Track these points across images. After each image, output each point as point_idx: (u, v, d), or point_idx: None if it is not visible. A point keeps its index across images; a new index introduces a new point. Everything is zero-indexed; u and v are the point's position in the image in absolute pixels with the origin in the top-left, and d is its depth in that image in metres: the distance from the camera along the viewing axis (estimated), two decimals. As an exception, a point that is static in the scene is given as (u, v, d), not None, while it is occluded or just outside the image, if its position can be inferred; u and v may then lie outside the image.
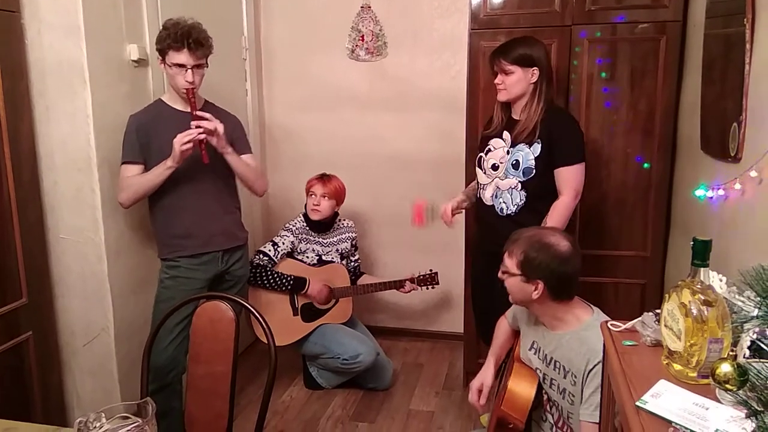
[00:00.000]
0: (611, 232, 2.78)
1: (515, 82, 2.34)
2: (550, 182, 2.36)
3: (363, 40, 3.35)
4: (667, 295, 1.13)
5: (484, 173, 2.49)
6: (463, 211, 2.71)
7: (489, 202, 2.48)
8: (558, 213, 2.33)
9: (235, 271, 2.49)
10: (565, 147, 2.33)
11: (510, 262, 1.73)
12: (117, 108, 2.30)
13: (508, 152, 2.40)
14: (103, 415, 1.05)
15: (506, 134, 2.43)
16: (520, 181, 2.37)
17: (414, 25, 3.30)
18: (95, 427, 1.02)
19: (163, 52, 2.18)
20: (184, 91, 2.18)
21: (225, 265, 2.43)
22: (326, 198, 2.99)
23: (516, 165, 2.37)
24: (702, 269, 1.08)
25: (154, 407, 1.09)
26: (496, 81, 2.39)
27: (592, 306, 1.76)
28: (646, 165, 2.71)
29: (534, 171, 2.34)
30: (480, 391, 1.95)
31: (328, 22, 3.40)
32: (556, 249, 1.68)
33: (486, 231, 2.55)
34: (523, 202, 2.38)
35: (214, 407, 1.68)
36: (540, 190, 2.36)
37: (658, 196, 2.72)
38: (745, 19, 1.75)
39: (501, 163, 2.42)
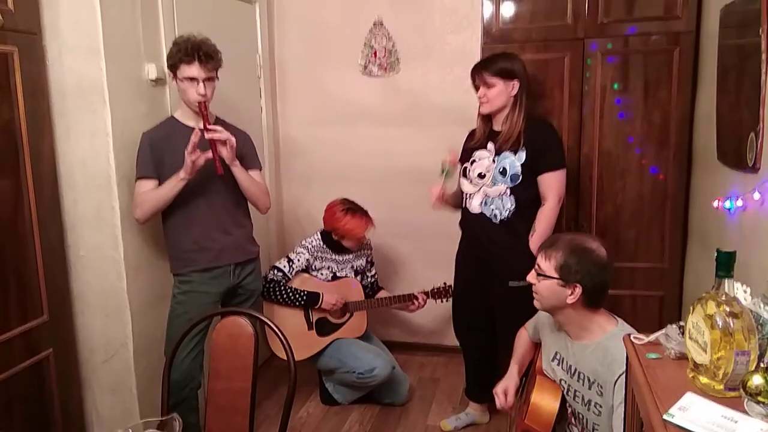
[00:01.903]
0: (628, 243, 2.76)
1: (497, 94, 2.45)
2: (536, 188, 2.47)
3: (375, 56, 3.39)
4: (691, 307, 1.12)
5: (470, 182, 2.57)
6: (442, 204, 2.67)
7: (477, 210, 2.54)
8: (546, 218, 2.45)
9: (248, 285, 2.50)
10: (549, 154, 2.45)
11: (547, 265, 1.71)
12: (136, 126, 2.33)
13: (493, 161, 2.49)
14: (131, 431, 1.06)
15: (490, 145, 2.52)
16: (508, 187, 2.47)
17: (426, 40, 3.33)
18: (123, 443, 1.03)
19: (174, 67, 2.21)
20: (197, 104, 2.21)
21: (237, 278, 2.44)
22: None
23: (503, 172, 2.46)
24: (726, 281, 1.08)
25: (181, 423, 1.10)
26: (479, 94, 2.49)
27: (616, 317, 1.75)
28: (661, 176, 2.70)
29: (521, 177, 2.45)
30: (506, 395, 1.93)
31: (340, 38, 3.43)
32: (597, 255, 1.68)
33: (478, 239, 2.59)
34: (513, 207, 2.47)
35: (234, 423, 1.68)
36: (527, 195, 2.47)
37: (675, 207, 2.71)
38: (760, 30, 1.75)
39: (488, 171, 2.50)
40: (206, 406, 1.73)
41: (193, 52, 2.16)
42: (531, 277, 1.76)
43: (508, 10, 2.78)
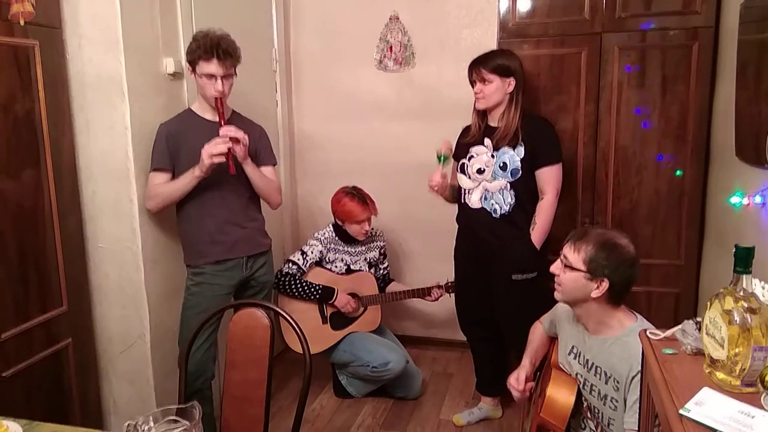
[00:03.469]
0: (644, 240, 2.75)
1: (494, 90, 2.48)
2: (534, 182, 2.51)
3: (391, 50, 3.39)
4: (708, 303, 1.12)
5: (469, 178, 2.58)
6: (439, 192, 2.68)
7: (477, 206, 2.55)
8: (546, 211, 2.49)
9: (260, 277, 2.52)
10: (547, 149, 2.49)
11: (575, 258, 1.69)
12: (154, 120, 2.35)
13: (492, 156, 2.51)
14: (151, 418, 1.07)
15: (487, 141, 2.54)
16: (509, 182, 2.49)
17: (442, 35, 3.32)
18: (144, 430, 1.05)
19: (193, 63, 2.23)
20: (214, 99, 2.23)
21: (249, 271, 2.46)
22: (371, 218, 3.03)
23: (504, 167, 2.49)
24: (744, 276, 1.07)
25: (201, 411, 1.11)
26: (476, 90, 2.52)
27: (635, 313, 1.74)
28: (678, 172, 2.68)
29: (520, 172, 2.48)
30: (518, 382, 1.93)
31: (356, 33, 3.44)
32: (627, 251, 1.67)
33: (478, 234, 2.60)
34: (514, 201, 2.50)
35: (250, 413, 1.70)
36: (527, 190, 2.50)
37: (692, 204, 2.68)
38: (781, 24, 1.73)
39: (487, 166, 2.52)
40: (222, 397, 1.75)
41: (213, 49, 2.18)
42: (555, 267, 1.75)
43: (524, 5, 2.77)
